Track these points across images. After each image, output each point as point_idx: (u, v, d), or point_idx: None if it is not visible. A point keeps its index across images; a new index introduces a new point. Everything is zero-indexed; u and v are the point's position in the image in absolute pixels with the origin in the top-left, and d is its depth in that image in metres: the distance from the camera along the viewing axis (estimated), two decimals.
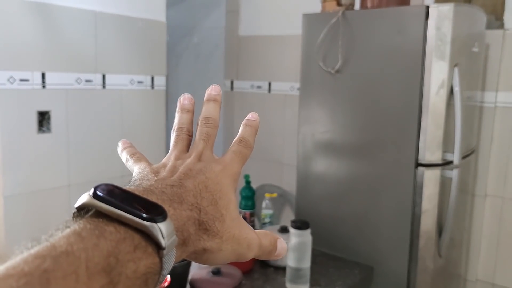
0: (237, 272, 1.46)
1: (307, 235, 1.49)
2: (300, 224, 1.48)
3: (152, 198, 0.35)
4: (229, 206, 0.40)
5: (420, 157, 1.64)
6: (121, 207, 0.32)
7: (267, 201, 1.96)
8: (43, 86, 1.93)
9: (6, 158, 1.81)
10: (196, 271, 1.40)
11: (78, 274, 0.27)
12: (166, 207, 0.34)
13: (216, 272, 1.39)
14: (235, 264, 1.53)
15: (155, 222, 0.32)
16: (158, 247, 0.32)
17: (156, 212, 0.32)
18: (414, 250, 1.73)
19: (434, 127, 1.62)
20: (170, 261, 0.33)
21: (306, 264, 1.51)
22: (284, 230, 1.69)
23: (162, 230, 0.32)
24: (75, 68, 2.05)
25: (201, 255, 0.38)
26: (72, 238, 0.29)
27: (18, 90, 1.85)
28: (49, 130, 1.94)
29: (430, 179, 1.65)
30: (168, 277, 1.16)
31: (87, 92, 2.11)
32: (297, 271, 1.51)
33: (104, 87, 2.18)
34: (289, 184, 2.60)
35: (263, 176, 2.74)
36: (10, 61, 1.82)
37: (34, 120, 1.90)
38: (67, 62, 2.01)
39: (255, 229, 0.43)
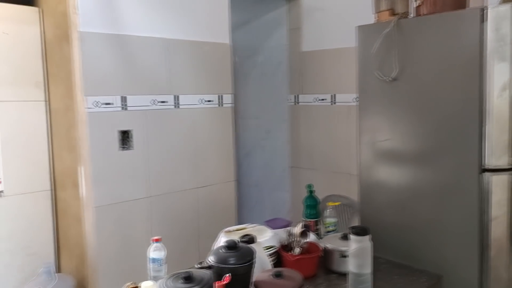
0: (299, 276, 1.52)
1: (366, 241, 1.52)
2: (358, 230, 1.51)
3: None
4: None
5: (484, 162, 1.59)
6: None
7: (330, 209, 2.00)
8: (125, 108, 2.17)
9: (95, 173, 2.06)
10: (259, 273, 1.49)
11: None
12: None
13: (279, 275, 1.46)
14: (298, 268, 1.59)
15: None
16: None
17: None
18: (485, 259, 1.67)
19: (498, 131, 1.58)
20: None
21: (367, 270, 1.53)
22: (345, 237, 1.73)
23: None
24: (151, 91, 2.28)
25: None
26: None
27: (103, 113, 2.10)
28: (131, 147, 2.18)
29: (498, 185, 1.60)
30: (228, 275, 1.26)
31: (163, 112, 2.33)
32: (358, 276, 1.53)
33: (177, 107, 2.39)
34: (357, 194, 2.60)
35: (331, 187, 2.77)
36: (95, 87, 2.08)
37: (117, 138, 2.14)
38: (144, 86, 2.25)
39: (319, 236, 0.47)
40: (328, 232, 1.97)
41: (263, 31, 3.27)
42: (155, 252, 1.49)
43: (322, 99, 2.93)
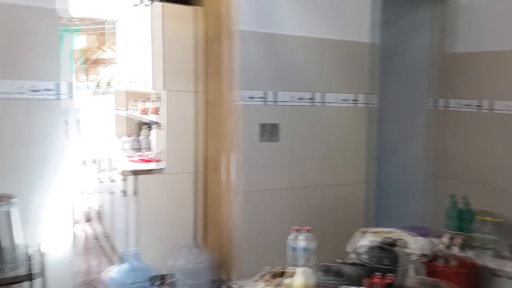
0: None
1: None
2: None
3: None
4: None
5: None
6: None
7: (488, 226, 1.83)
8: (274, 103, 2.27)
9: (245, 161, 2.19)
10: (411, 279, 1.43)
11: None
12: None
13: (434, 286, 1.39)
14: (451, 281, 1.49)
15: None
16: None
17: None
18: None
19: None
20: None
21: None
22: (501, 256, 1.58)
23: None
24: (296, 87, 2.35)
25: None
26: None
27: (254, 106, 2.23)
28: (278, 139, 2.27)
29: None
30: (392, 276, 1.23)
31: (308, 108, 2.38)
32: None
33: (320, 104, 2.43)
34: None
35: (477, 201, 2.54)
36: (250, 82, 2.21)
37: (266, 131, 2.25)
38: (290, 82, 2.33)
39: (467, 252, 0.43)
40: (485, 249, 1.80)
41: (412, 30, 3.12)
42: (306, 241, 1.52)
43: (473, 105, 2.69)
